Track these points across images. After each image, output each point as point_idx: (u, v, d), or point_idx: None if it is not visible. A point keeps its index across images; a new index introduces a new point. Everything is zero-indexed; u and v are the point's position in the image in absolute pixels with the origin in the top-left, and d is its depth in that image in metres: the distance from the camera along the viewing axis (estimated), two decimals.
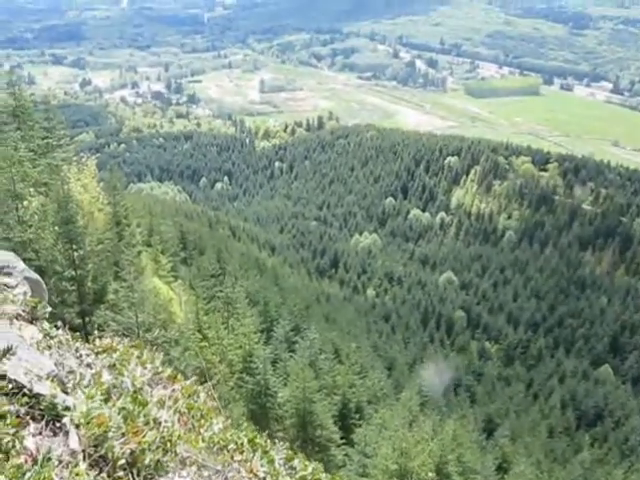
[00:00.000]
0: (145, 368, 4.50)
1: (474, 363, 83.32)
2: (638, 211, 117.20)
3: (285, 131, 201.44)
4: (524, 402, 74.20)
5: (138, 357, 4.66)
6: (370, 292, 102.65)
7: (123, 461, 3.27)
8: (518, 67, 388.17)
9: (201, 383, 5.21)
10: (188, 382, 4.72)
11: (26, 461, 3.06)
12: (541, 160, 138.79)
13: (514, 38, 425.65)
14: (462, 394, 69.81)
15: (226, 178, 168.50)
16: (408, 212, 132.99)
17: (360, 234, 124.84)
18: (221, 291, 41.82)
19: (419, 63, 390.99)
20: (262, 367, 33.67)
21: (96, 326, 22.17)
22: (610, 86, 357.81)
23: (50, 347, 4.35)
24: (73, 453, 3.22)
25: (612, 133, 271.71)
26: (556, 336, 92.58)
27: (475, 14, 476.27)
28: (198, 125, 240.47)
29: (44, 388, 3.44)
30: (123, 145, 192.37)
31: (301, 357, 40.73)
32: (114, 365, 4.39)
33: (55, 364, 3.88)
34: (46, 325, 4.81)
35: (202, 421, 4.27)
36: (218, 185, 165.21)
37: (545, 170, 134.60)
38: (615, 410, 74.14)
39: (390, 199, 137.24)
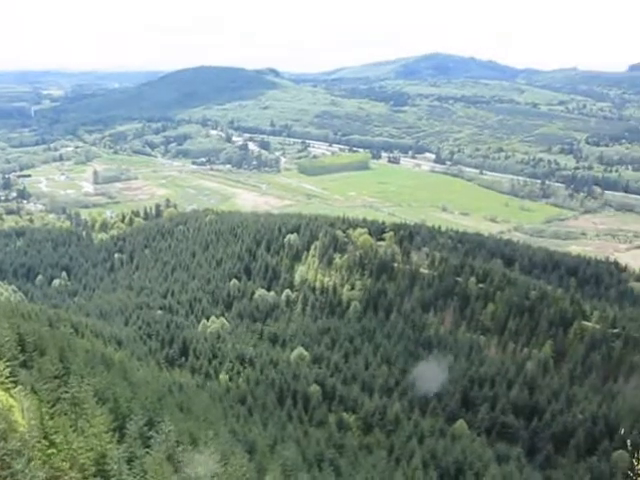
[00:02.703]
0: None
1: (334, 436, 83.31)
2: (471, 271, 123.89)
3: (123, 221, 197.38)
4: (388, 468, 74.79)
5: None
6: (223, 376, 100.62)
7: None
8: (347, 144, 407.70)
9: None
10: None
11: None
12: (377, 230, 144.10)
13: (341, 117, 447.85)
14: (326, 468, 69.39)
15: (64, 273, 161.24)
16: (253, 292, 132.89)
17: (207, 319, 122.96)
18: (67, 392, 39.65)
19: (252, 146, 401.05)
20: (117, 468, 31.95)
21: None
22: (433, 157, 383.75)
23: None
24: None
25: (439, 200, 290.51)
26: (410, 398, 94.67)
27: (302, 96, 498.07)
28: (31, 221, 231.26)
29: None
30: None
31: (158, 452, 39.18)
32: None
33: None
34: None
35: None
36: (56, 281, 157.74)
37: (382, 240, 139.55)
38: (474, 462, 76.44)
39: (234, 281, 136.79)
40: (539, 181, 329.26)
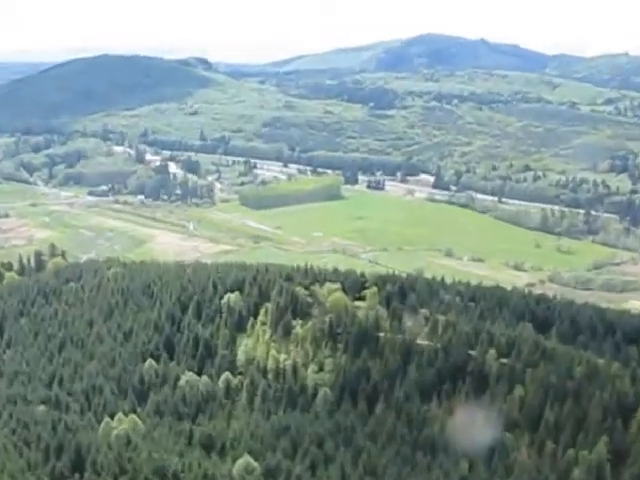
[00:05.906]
0: None
1: None
2: (490, 340, 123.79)
3: None
4: None
5: None
6: None
7: None
8: (309, 163, 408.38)
9: None
10: None
11: None
12: (354, 286, 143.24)
13: (300, 126, 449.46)
14: None
15: None
16: (178, 378, 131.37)
17: (112, 417, 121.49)
18: None
19: (174, 168, 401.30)
20: None
21: None
22: (431, 179, 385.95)
23: None
24: None
25: (442, 240, 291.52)
26: None
27: (245, 97, 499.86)
28: None
29: None
30: None
31: None
32: None
33: None
34: None
35: None
36: None
37: (361, 299, 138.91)
38: None
39: (150, 361, 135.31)
40: (582, 211, 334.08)
